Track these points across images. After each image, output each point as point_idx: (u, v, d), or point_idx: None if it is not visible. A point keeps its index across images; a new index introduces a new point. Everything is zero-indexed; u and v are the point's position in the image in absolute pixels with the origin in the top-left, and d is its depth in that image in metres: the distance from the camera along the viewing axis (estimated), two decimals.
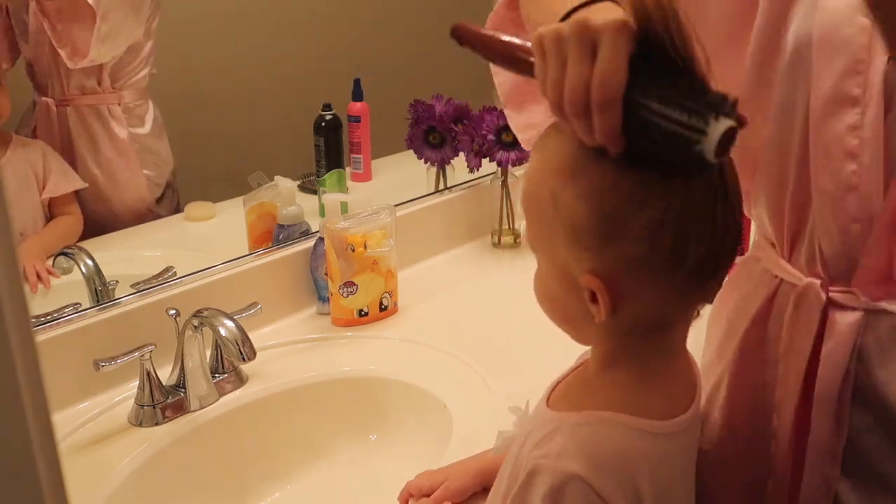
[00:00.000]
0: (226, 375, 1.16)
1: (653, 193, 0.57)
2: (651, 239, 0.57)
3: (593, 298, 0.61)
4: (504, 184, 1.64)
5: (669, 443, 0.64)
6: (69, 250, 1.24)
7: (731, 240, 0.62)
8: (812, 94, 0.67)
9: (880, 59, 0.64)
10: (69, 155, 1.33)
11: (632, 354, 0.65)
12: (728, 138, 0.52)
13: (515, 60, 0.64)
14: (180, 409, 1.10)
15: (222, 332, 1.05)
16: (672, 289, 0.61)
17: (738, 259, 0.84)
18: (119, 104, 1.34)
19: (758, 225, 0.82)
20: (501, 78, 0.88)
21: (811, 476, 0.73)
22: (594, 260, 0.59)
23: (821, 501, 0.72)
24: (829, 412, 0.71)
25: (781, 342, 0.75)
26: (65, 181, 1.30)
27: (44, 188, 1.28)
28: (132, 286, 1.22)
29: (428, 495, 0.88)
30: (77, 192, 1.32)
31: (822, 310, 0.71)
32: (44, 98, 1.31)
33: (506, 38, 0.65)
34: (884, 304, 0.67)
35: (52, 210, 1.30)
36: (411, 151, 1.63)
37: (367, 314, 1.34)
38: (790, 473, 0.74)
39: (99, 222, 1.35)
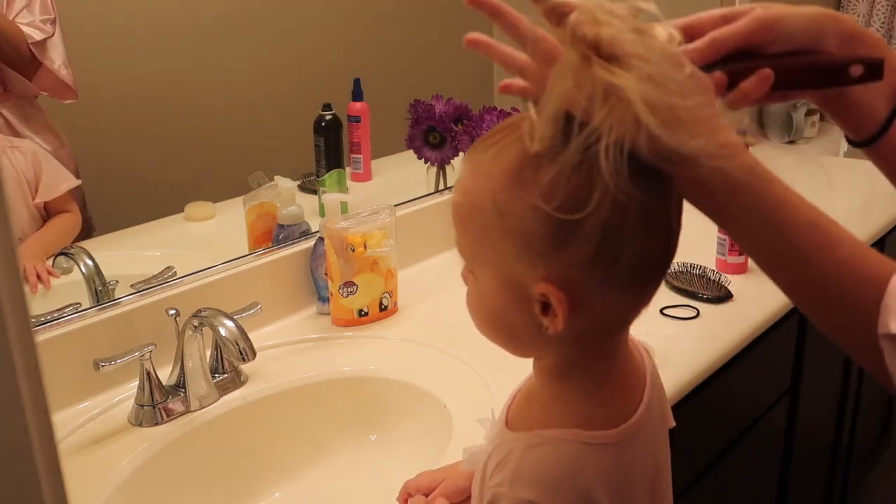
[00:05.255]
0: (226, 375, 1.16)
1: (602, 196, 0.55)
2: (601, 240, 0.56)
3: (544, 310, 0.59)
4: None
5: (623, 449, 0.63)
6: (69, 250, 1.24)
7: (673, 243, 0.61)
8: None
9: None
10: None
11: (577, 365, 0.64)
12: None
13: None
14: (180, 409, 1.10)
15: (222, 332, 1.05)
16: (621, 294, 0.60)
17: None
18: None
19: None
20: None
21: None
22: (548, 266, 0.57)
23: None
24: None
25: None
26: (56, 182, 1.26)
27: (36, 192, 1.26)
28: (132, 286, 1.22)
29: (426, 495, 0.88)
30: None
31: None
32: None
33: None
34: None
35: (48, 210, 1.29)
36: (411, 151, 1.63)
37: (367, 314, 1.34)
38: None
39: None
